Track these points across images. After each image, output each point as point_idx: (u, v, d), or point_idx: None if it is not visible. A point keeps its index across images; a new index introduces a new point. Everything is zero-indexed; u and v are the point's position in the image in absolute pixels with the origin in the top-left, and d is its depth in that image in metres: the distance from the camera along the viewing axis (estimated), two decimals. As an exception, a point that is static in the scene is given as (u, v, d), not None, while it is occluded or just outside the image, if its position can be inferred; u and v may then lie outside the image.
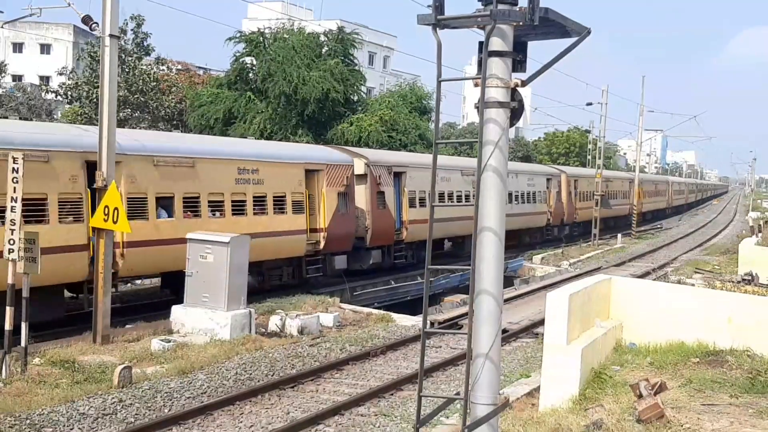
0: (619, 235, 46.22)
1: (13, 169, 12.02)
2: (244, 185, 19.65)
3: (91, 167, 15.08)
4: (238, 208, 19.52)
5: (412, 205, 27.02)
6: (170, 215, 17.72)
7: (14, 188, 12.05)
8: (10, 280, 11.99)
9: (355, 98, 38.73)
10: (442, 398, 9.37)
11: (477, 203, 3.68)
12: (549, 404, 9.97)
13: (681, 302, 12.24)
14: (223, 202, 19.04)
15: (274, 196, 20.53)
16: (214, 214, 18.83)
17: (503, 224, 3.73)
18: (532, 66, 4.35)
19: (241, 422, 11.16)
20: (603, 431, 8.75)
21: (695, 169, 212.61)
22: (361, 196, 24.60)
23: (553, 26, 4.31)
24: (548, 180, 41.70)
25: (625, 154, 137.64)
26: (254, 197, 19.93)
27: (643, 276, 26.32)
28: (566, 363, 10.10)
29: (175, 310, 15.76)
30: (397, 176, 26.73)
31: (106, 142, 14.16)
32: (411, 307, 23.40)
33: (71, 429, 10.32)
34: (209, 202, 18.69)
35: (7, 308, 11.97)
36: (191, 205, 18.26)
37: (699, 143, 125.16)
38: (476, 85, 4.02)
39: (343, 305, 20.60)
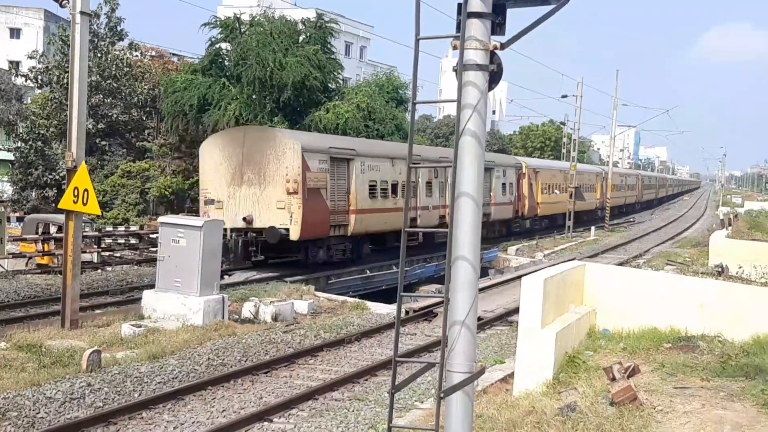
0: (593, 228, 46.64)
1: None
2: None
3: None
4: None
5: None
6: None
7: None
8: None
9: (333, 86, 38.31)
10: (420, 363, 9.32)
11: (454, 168, 3.60)
12: (523, 388, 9.95)
13: (654, 289, 12.26)
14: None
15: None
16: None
17: (481, 190, 3.65)
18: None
19: (213, 407, 11.02)
20: (577, 414, 8.74)
21: (667, 165, 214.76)
22: None
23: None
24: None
25: (598, 149, 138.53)
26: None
27: (616, 267, 26.43)
28: (541, 347, 10.08)
29: (147, 295, 15.53)
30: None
31: (76, 123, 13.85)
32: (386, 296, 23.31)
33: (37, 413, 10.05)
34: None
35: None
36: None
37: (672, 138, 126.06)
38: (455, 47, 3.95)
39: (318, 293, 20.48)
